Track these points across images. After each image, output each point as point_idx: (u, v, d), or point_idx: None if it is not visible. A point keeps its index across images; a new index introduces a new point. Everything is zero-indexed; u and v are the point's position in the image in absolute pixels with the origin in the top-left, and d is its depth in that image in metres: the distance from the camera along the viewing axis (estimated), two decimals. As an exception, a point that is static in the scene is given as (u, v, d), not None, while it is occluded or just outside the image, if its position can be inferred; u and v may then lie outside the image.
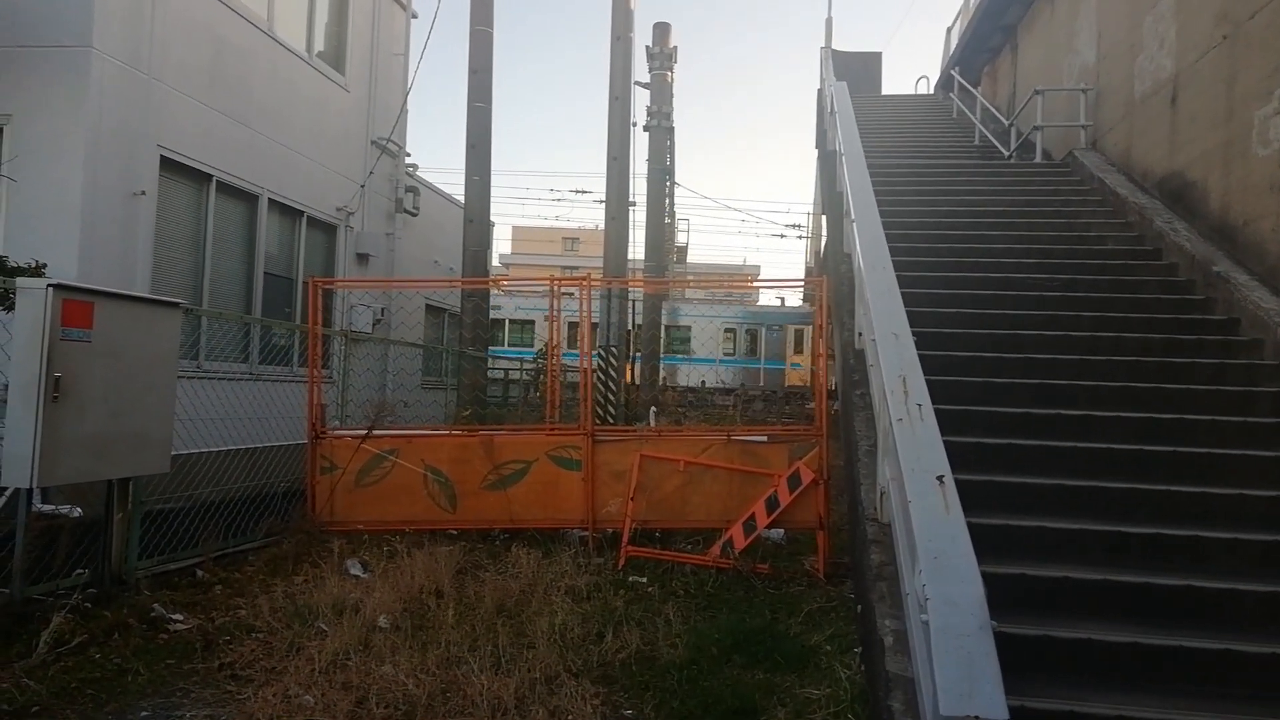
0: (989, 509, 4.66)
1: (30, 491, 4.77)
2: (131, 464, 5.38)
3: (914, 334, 4.89)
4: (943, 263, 8.25)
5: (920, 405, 4.10)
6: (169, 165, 7.99)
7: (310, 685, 4.17)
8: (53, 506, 5.46)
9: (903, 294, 5.44)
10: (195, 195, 8.46)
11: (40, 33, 7.10)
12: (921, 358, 4.64)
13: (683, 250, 32.26)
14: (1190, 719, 3.41)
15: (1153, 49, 9.41)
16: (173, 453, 5.82)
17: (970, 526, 3.32)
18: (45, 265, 6.19)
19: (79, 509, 5.47)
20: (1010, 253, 8.47)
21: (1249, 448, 5.22)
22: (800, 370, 26.81)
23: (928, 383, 4.35)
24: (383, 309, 11.70)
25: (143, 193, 7.59)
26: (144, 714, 3.96)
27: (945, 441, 3.87)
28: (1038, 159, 12.01)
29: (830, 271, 8.96)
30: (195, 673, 4.41)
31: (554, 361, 8.46)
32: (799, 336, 27.56)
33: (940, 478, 3.54)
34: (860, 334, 6.40)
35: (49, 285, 4.71)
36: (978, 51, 17.38)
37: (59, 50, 7.09)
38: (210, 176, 8.53)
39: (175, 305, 5.83)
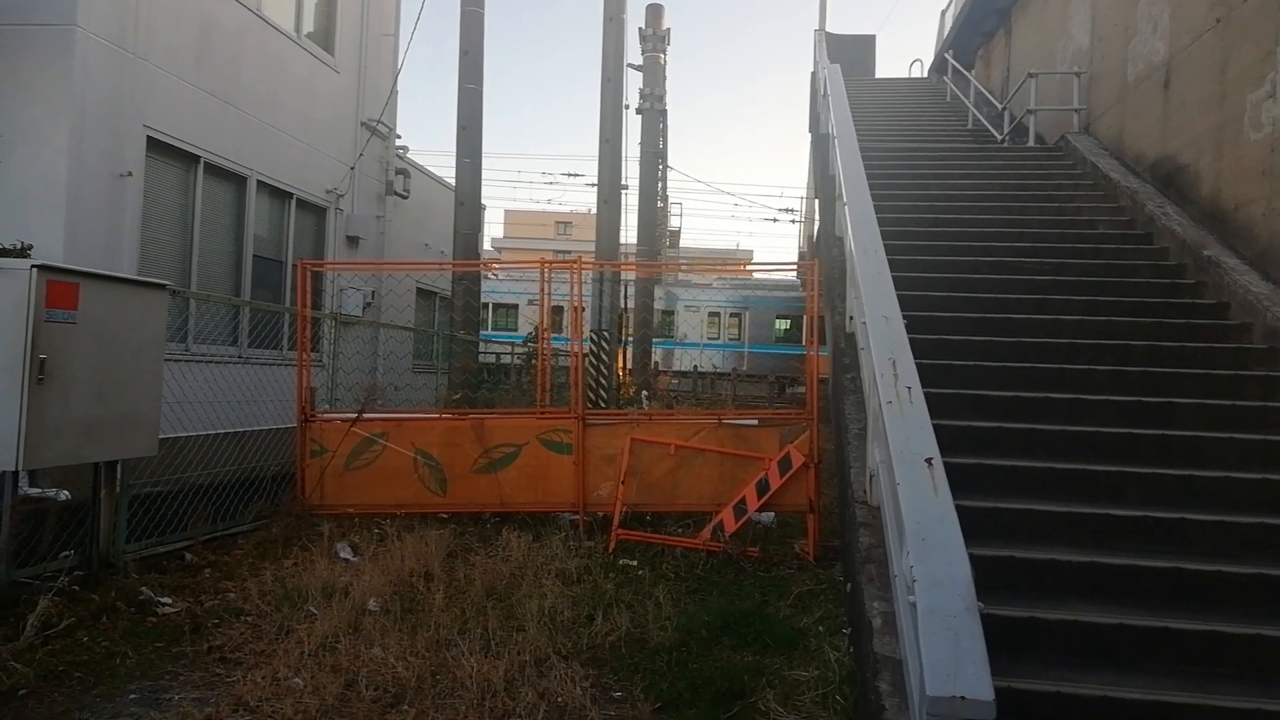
0: (978, 492, 4.66)
1: (15, 474, 4.75)
2: (118, 447, 5.35)
3: (905, 317, 4.90)
4: (935, 246, 8.24)
5: (910, 388, 4.10)
6: (156, 146, 7.89)
7: (299, 668, 4.18)
8: (39, 489, 5.44)
9: (894, 277, 5.45)
10: (183, 176, 8.37)
11: (23, 10, 6.98)
12: (912, 341, 4.66)
13: (675, 234, 32.19)
14: (1176, 699, 3.43)
15: (1146, 33, 9.37)
16: (160, 436, 5.78)
17: (958, 509, 3.33)
18: (31, 246, 6.14)
19: (66, 492, 5.46)
20: (1002, 236, 8.46)
21: (1236, 431, 5.25)
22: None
23: (918, 366, 4.37)
24: (373, 292, 11.64)
25: (129, 174, 7.50)
26: (132, 696, 3.96)
27: (934, 424, 3.88)
28: (1030, 143, 11.99)
29: (823, 255, 8.94)
30: (184, 656, 4.40)
31: (544, 345, 8.43)
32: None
33: (929, 460, 3.55)
34: (851, 317, 6.39)
35: (33, 266, 4.66)
36: (972, 34, 17.32)
37: (43, 29, 6.97)
38: (198, 157, 8.43)
39: (162, 287, 5.78)
